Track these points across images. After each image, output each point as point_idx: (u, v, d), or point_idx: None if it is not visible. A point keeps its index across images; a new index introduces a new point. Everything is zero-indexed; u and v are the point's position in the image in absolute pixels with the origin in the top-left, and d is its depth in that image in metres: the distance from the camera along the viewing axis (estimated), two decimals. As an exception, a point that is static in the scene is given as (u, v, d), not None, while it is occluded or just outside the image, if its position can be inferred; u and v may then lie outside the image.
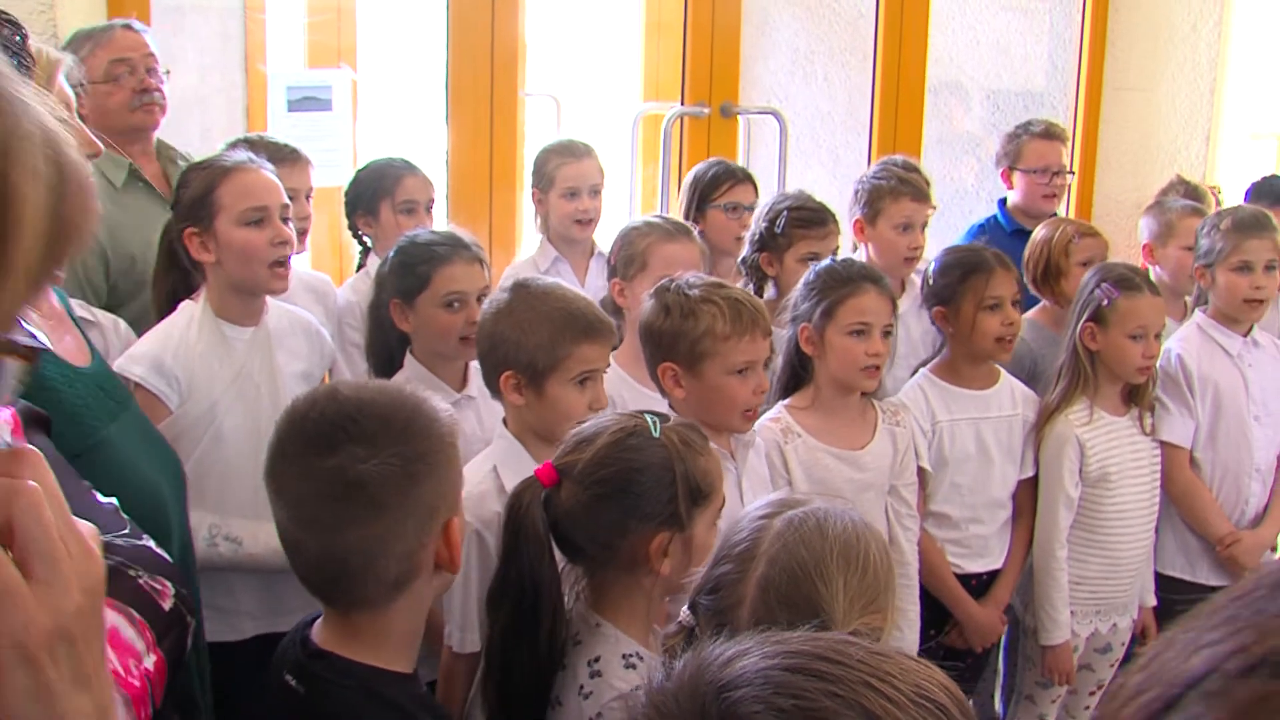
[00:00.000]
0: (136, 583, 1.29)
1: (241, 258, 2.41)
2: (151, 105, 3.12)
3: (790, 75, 4.86)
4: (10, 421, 1.32)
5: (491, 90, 3.92)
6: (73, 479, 1.38)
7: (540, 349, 2.26)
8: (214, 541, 2.39)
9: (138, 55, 3.08)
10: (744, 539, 1.57)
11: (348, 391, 1.54)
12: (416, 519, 1.48)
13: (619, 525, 1.79)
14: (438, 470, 1.49)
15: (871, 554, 1.52)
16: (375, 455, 1.44)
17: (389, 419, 1.48)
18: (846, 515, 1.57)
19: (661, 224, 3.00)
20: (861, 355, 2.65)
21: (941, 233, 4.21)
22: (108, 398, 1.65)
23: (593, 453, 1.81)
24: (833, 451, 2.70)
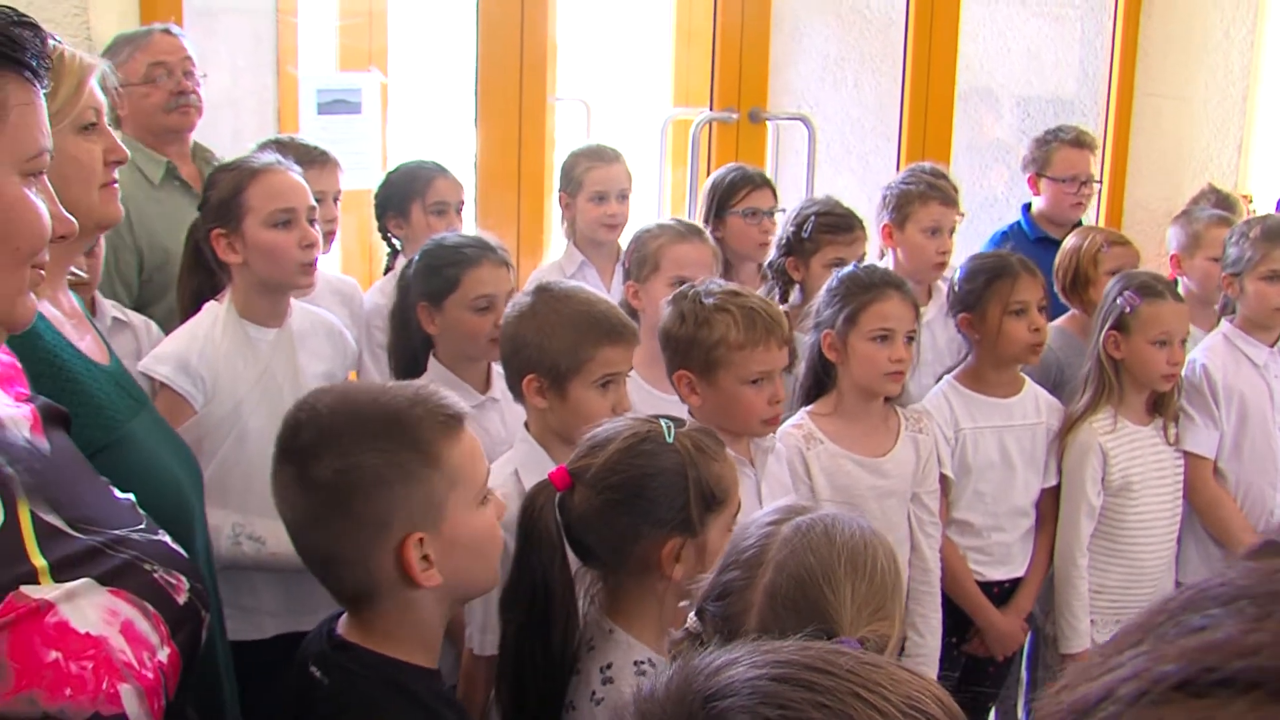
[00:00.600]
0: (151, 577, 1.31)
1: (269, 259, 2.44)
2: (187, 107, 3.17)
3: (820, 81, 4.85)
4: (30, 418, 1.36)
5: (521, 95, 3.94)
6: (90, 475, 1.41)
7: (563, 352, 2.27)
8: (238, 540, 2.41)
9: (175, 59, 3.13)
10: (751, 545, 1.57)
11: (316, 398, 1.55)
12: (362, 531, 1.46)
13: (631, 530, 1.79)
14: (389, 485, 1.45)
15: (879, 561, 1.52)
16: (318, 464, 1.46)
17: (331, 430, 1.47)
18: (854, 522, 1.57)
19: (673, 225, 3.02)
20: (884, 361, 2.66)
21: (971, 240, 4.20)
22: (127, 395, 1.68)
23: (606, 457, 1.82)
24: (855, 458, 2.70)
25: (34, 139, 1.22)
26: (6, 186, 1.19)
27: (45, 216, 1.23)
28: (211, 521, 2.37)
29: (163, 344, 2.51)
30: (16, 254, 1.21)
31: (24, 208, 1.21)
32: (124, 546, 1.31)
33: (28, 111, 1.21)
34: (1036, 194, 4.25)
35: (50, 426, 1.37)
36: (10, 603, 1.16)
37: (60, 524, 1.25)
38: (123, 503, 1.41)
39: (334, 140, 3.47)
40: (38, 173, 1.23)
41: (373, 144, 4.04)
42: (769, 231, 3.47)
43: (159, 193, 3.12)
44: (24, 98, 1.21)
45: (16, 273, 1.21)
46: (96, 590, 1.23)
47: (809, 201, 3.45)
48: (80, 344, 1.64)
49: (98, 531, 1.29)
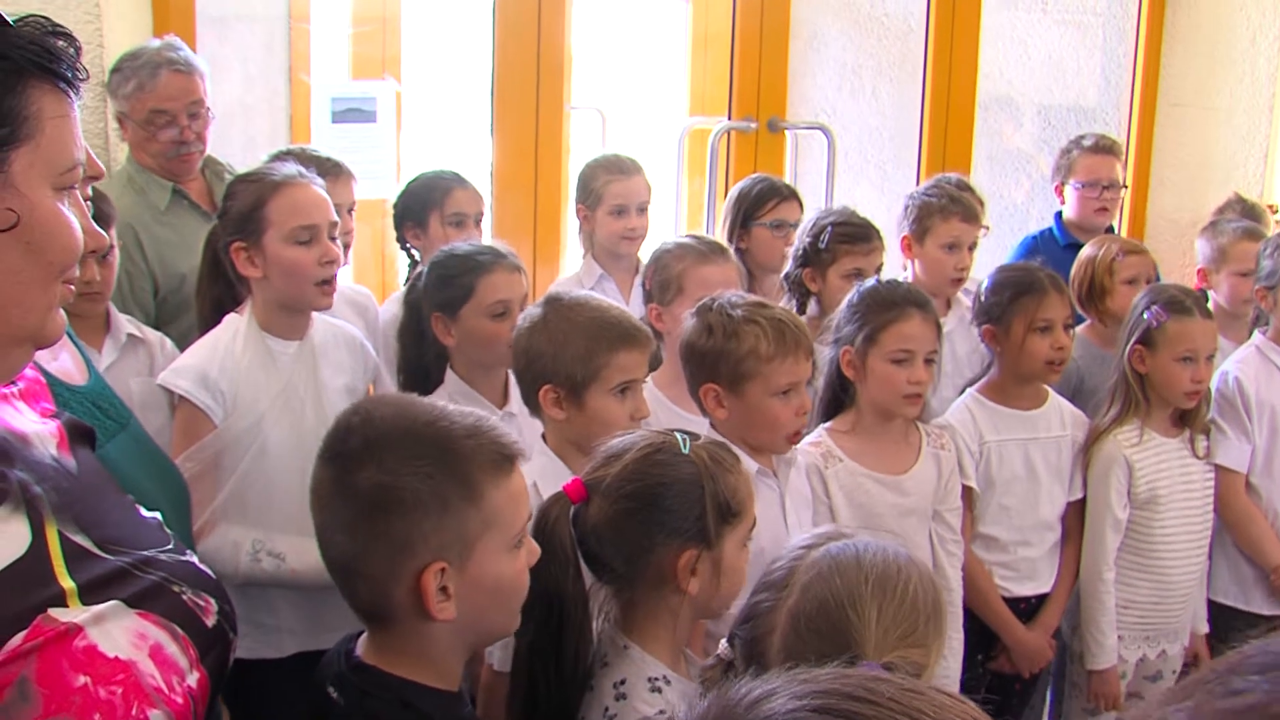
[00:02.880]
0: (180, 599, 1.31)
1: (289, 276, 2.44)
2: (189, 155, 3.16)
3: (838, 90, 4.85)
4: (56, 434, 1.35)
5: (537, 103, 3.94)
6: (116, 494, 1.40)
7: (577, 360, 2.27)
8: (257, 557, 2.40)
9: (179, 105, 3.10)
10: (781, 569, 1.57)
11: (372, 405, 1.54)
12: (384, 550, 1.45)
13: (646, 541, 1.79)
14: (421, 509, 1.44)
15: (912, 586, 1.51)
16: (358, 472, 1.45)
17: (376, 441, 1.46)
18: (889, 548, 1.56)
19: (695, 245, 2.97)
20: (903, 383, 2.64)
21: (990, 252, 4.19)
22: (105, 416, 1.64)
23: (620, 467, 1.81)
24: (874, 476, 2.68)
25: (68, 152, 1.22)
26: (41, 200, 1.18)
27: (78, 231, 1.23)
28: (230, 537, 2.39)
29: (182, 357, 2.51)
30: (49, 268, 1.20)
31: (58, 222, 1.20)
32: (152, 567, 1.30)
33: (62, 124, 1.21)
34: (1063, 202, 4.28)
35: (76, 443, 1.37)
36: (38, 626, 1.15)
37: (88, 544, 1.25)
38: (150, 522, 1.40)
39: (348, 149, 3.47)
40: (71, 186, 1.23)
41: (387, 153, 4.04)
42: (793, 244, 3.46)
43: (168, 216, 3.13)
44: (59, 110, 1.20)
45: (49, 288, 1.21)
46: (125, 613, 1.23)
47: (825, 212, 3.44)
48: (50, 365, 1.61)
49: (125, 552, 1.29)
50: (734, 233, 3.51)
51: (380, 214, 3.99)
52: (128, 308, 2.93)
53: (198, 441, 2.40)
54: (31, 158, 1.18)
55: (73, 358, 1.72)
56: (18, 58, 1.17)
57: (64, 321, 1.26)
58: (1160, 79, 5.04)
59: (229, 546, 2.39)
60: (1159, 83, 5.05)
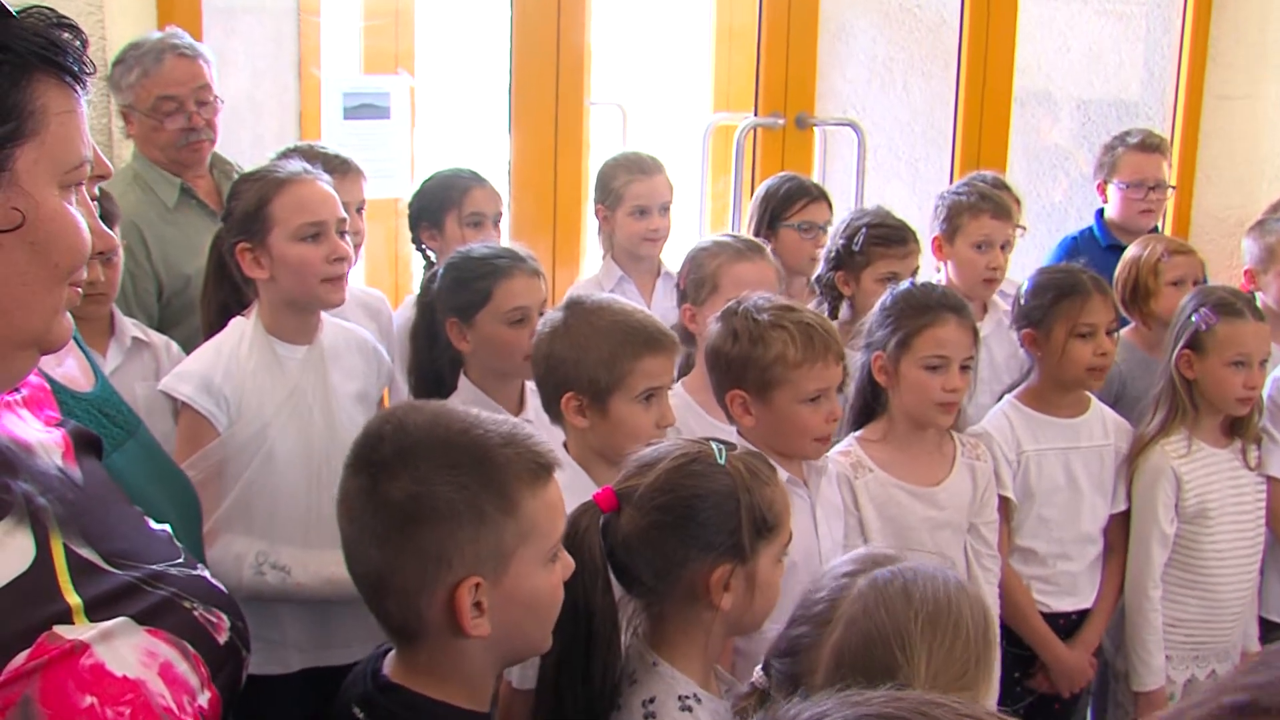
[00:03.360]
0: (191, 615, 1.30)
1: (296, 275, 2.43)
2: (199, 143, 3.16)
3: (869, 85, 4.84)
4: (61, 444, 1.35)
5: (556, 99, 3.93)
6: (124, 505, 1.39)
7: (600, 366, 2.26)
8: (261, 570, 2.40)
9: (187, 90, 3.11)
10: (823, 599, 1.54)
11: (405, 413, 1.52)
12: (415, 564, 1.44)
13: (679, 554, 1.78)
14: (456, 520, 1.43)
15: (964, 623, 1.48)
16: (391, 481, 1.44)
17: (411, 449, 1.46)
18: (940, 576, 1.53)
19: (732, 243, 2.98)
20: (938, 390, 2.62)
21: (1026, 252, 4.17)
22: (112, 424, 1.64)
23: (654, 477, 1.81)
24: (906, 488, 2.67)
25: (75, 149, 1.21)
26: (46, 199, 1.17)
27: (85, 231, 1.22)
28: (233, 549, 2.38)
29: (185, 362, 2.51)
30: (55, 270, 1.19)
31: (64, 221, 1.20)
32: (162, 582, 1.29)
33: (68, 120, 1.20)
34: (1105, 202, 4.25)
35: (82, 453, 1.36)
36: (43, 644, 1.14)
37: (95, 558, 1.24)
38: (159, 534, 1.39)
39: (361, 146, 3.48)
40: (78, 184, 1.22)
41: (401, 150, 4.04)
42: (823, 246, 3.46)
43: (175, 215, 3.13)
44: (65, 105, 1.20)
45: (55, 291, 1.20)
46: (133, 630, 1.22)
47: (859, 212, 3.43)
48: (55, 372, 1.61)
49: (134, 566, 1.28)
50: (760, 234, 3.49)
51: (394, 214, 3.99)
52: (130, 310, 2.93)
53: (200, 449, 2.39)
54: (36, 154, 1.17)
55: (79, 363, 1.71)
56: (21, 50, 1.16)
57: (71, 326, 1.26)
58: (1207, 70, 5.00)
59: (231, 559, 2.38)
60: (1205, 74, 5.00)
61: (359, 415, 2.57)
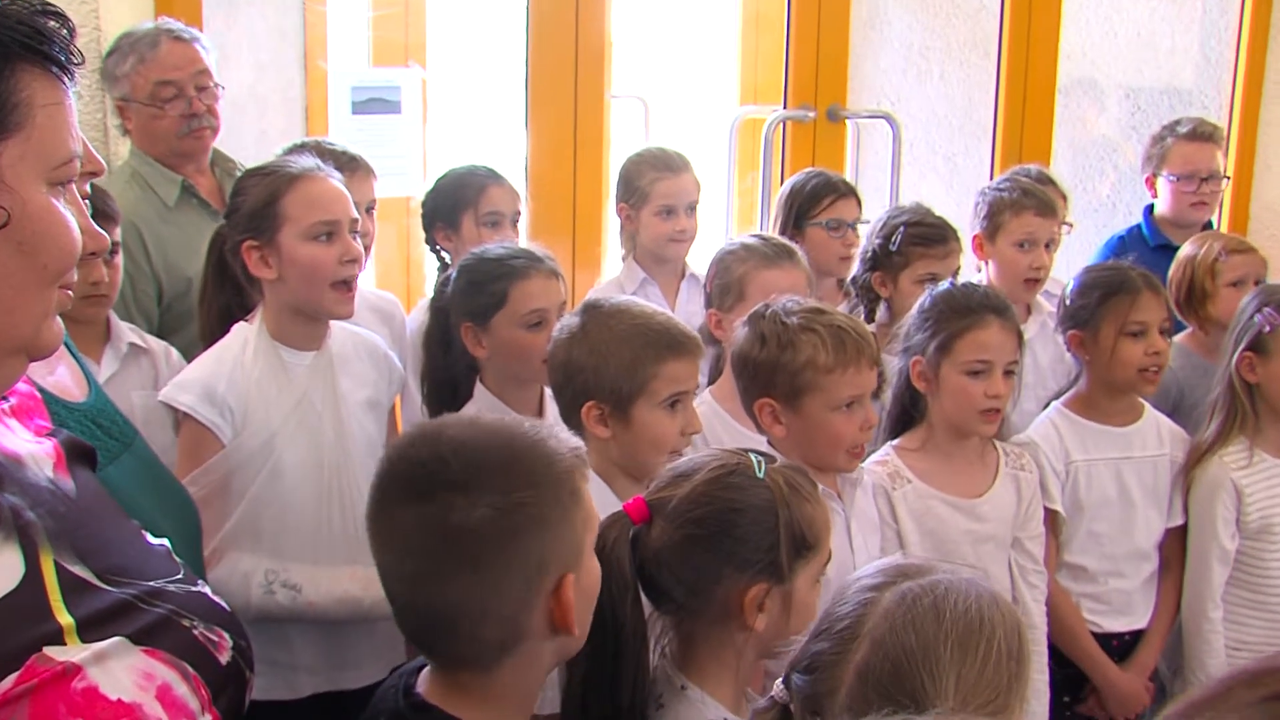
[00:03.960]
0: (191, 634, 1.29)
1: (307, 276, 2.42)
2: (202, 130, 3.16)
3: (904, 75, 4.83)
4: (53, 454, 1.34)
5: (576, 91, 3.93)
6: (120, 518, 1.39)
7: (622, 372, 2.25)
8: (270, 588, 2.39)
9: (186, 74, 3.11)
10: (848, 613, 1.52)
11: (452, 430, 1.51)
12: (520, 577, 1.44)
13: (712, 571, 1.77)
14: (546, 522, 1.45)
15: (997, 642, 1.45)
16: (471, 503, 1.42)
17: (486, 462, 1.45)
18: (973, 590, 1.50)
19: (760, 247, 2.97)
20: (980, 396, 2.61)
21: (1072, 250, 4.15)
22: (106, 436, 1.63)
23: (689, 489, 1.79)
24: (947, 499, 2.66)
25: (63, 143, 1.20)
26: (34, 197, 1.17)
27: (75, 231, 1.21)
28: (240, 567, 2.38)
29: (186, 370, 2.50)
30: (44, 272, 1.19)
31: (53, 220, 1.19)
32: (160, 600, 1.29)
33: (56, 112, 1.19)
34: (1154, 196, 4.22)
35: (75, 464, 1.36)
36: (32, 666, 1.13)
37: (88, 575, 1.23)
38: (157, 550, 1.39)
39: (371, 142, 3.48)
40: (67, 181, 1.22)
41: (413, 147, 4.05)
42: (852, 245, 3.45)
43: (175, 214, 3.13)
44: (52, 96, 1.19)
45: (43, 293, 1.20)
46: (129, 650, 1.21)
47: (897, 210, 3.42)
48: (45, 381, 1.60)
49: (130, 583, 1.27)
50: (786, 232, 3.48)
51: (406, 213, 3.99)
52: (129, 314, 2.93)
53: (204, 463, 2.39)
54: (22, 149, 1.16)
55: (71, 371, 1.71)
56: (4, 39, 1.16)
57: (61, 330, 1.25)
58: (1268, 54, 4.95)
59: (238, 578, 2.37)
60: (1266, 59, 4.95)
61: (370, 424, 2.57)
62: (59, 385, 1.62)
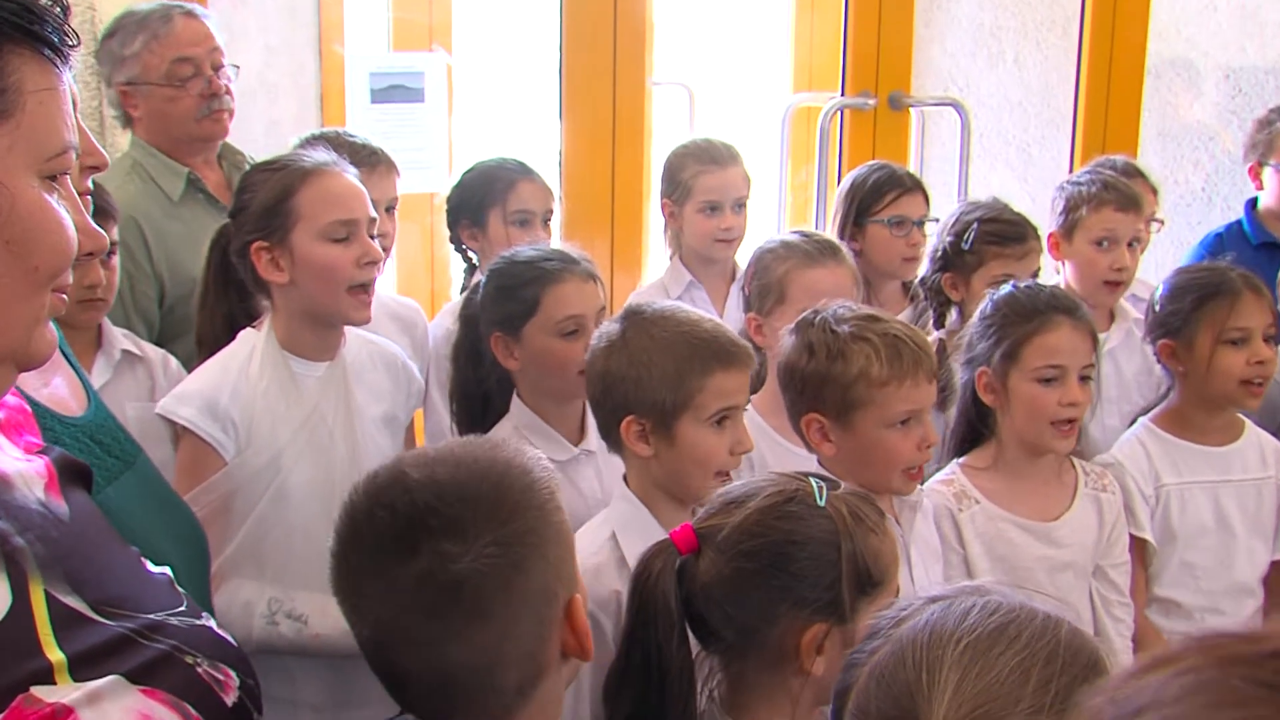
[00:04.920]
0: (194, 672, 1.29)
1: (321, 279, 2.42)
2: (221, 113, 3.18)
3: (973, 58, 4.81)
4: (44, 474, 1.34)
5: (614, 78, 3.94)
6: (117, 544, 1.39)
7: (666, 384, 2.25)
8: (273, 619, 2.40)
9: (203, 51, 3.13)
10: (890, 616, 1.51)
11: (418, 473, 1.47)
12: (532, 612, 1.44)
13: (767, 609, 1.76)
14: (546, 545, 1.46)
15: (1013, 657, 1.41)
16: (468, 549, 1.40)
17: (475, 498, 1.43)
18: (1039, 615, 1.46)
19: (801, 244, 2.96)
20: (1053, 406, 2.60)
21: (1162, 249, 4.12)
22: (106, 454, 1.63)
23: (742, 517, 1.78)
24: (1019, 522, 2.66)
25: (57, 132, 1.20)
26: (23, 191, 1.17)
27: (70, 229, 1.21)
28: (241, 596, 2.38)
29: (187, 380, 2.51)
30: (35, 275, 1.19)
31: (45, 217, 1.19)
32: (160, 634, 1.29)
33: (48, 99, 1.19)
34: (1259, 188, 4.17)
35: (68, 485, 1.36)
36: (18, 709, 1.13)
37: (81, 607, 1.24)
38: (158, 579, 1.39)
39: (391, 134, 3.49)
40: (61, 174, 1.22)
41: (437, 138, 4.07)
42: (918, 244, 3.45)
43: (180, 209, 3.14)
44: (44, 82, 1.19)
45: (34, 298, 1.20)
46: (126, 690, 1.21)
47: (970, 206, 3.40)
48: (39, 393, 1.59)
49: (128, 616, 1.27)
50: (846, 230, 3.50)
51: (429, 211, 4.00)
52: (127, 317, 2.94)
53: (204, 482, 2.39)
54: (10, 139, 1.17)
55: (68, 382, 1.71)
56: None
57: (55, 339, 1.25)
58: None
59: (239, 607, 2.38)
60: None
61: (386, 442, 2.57)
62: (54, 398, 1.62)
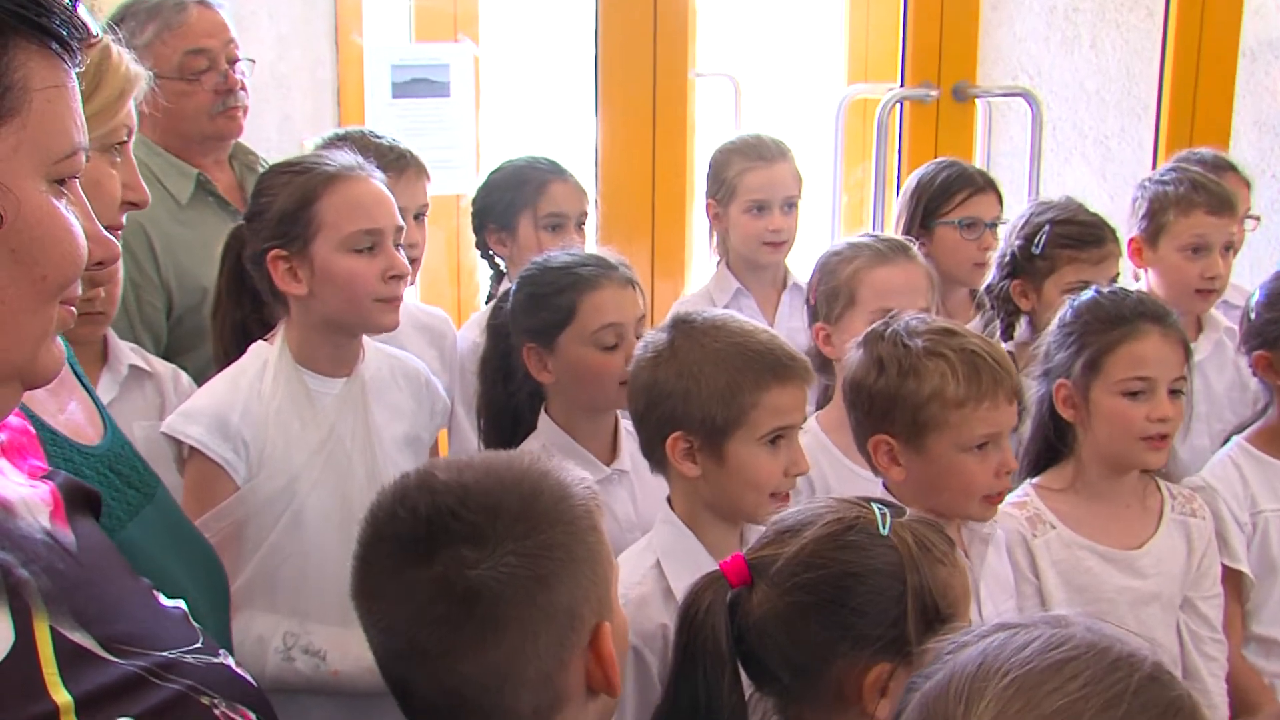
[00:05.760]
0: (211, 714, 1.29)
1: (343, 292, 2.43)
2: (235, 110, 3.20)
3: (1045, 43, 4.79)
4: (50, 501, 1.34)
5: (654, 70, 3.95)
6: (128, 576, 1.39)
7: (716, 400, 2.25)
8: (289, 655, 2.40)
9: (218, 43, 3.15)
10: (952, 644, 1.51)
11: (445, 475, 1.51)
12: (552, 632, 1.46)
13: (825, 646, 1.75)
14: (575, 564, 1.47)
15: (1066, 697, 1.40)
16: (487, 556, 1.43)
17: (500, 505, 1.46)
18: (1094, 642, 1.45)
19: (870, 243, 2.98)
20: (1141, 421, 2.59)
21: (1254, 249, 4.08)
22: (126, 485, 1.65)
23: (798, 547, 1.78)
24: (1099, 550, 2.65)
25: (65, 133, 1.20)
26: (30, 195, 1.17)
27: (80, 236, 1.21)
28: (255, 629, 2.38)
29: (194, 397, 2.52)
30: (42, 285, 1.19)
31: (54, 223, 1.19)
32: (175, 673, 1.29)
33: (56, 97, 1.19)
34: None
35: (76, 513, 1.36)
36: None
37: (90, 644, 1.24)
38: (171, 613, 1.39)
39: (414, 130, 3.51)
40: (70, 177, 1.22)
41: (463, 136, 4.09)
42: (989, 248, 3.44)
43: (188, 213, 3.16)
44: (52, 78, 1.19)
45: (42, 311, 1.20)
46: None
47: (1042, 206, 3.38)
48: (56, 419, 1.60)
49: (140, 653, 1.27)
50: (911, 233, 3.49)
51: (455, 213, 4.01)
52: (132, 330, 2.95)
53: (213, 507, 2.39)
54: (16, 139, 1.16)
55: (84, 408, 1.71)
56: None
57: (63, 355, 1.25)
58: None
59: (252, 641, 2.38)
60: None
61: (407, 464, 2.56)
62: (71, 424, 1.63)
